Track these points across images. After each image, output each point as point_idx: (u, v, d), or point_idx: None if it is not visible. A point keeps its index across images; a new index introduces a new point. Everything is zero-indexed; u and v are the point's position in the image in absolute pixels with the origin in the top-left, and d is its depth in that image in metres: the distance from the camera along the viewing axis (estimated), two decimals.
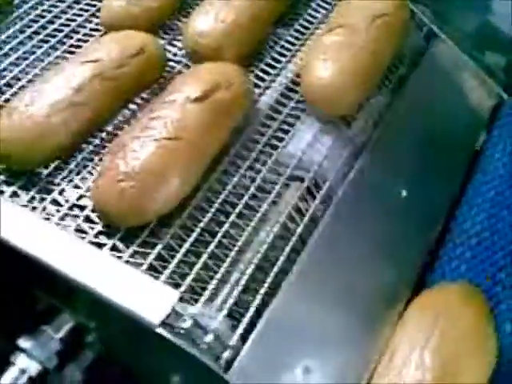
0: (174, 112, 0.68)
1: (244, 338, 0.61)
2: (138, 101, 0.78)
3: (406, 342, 0.66)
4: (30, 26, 0.86)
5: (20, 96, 0.72)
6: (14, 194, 0.69)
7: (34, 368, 0.63)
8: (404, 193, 0.77)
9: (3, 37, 0.85)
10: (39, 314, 0.67)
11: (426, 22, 0.91)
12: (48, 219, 0.66)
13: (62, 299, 0.66)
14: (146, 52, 0.76)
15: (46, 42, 0.84)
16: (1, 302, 0.69)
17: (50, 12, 0.89)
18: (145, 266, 0.63)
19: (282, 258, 0.66)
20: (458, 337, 0.66)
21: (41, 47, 0.84)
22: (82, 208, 0.68)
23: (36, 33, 0.85)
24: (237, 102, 0.73)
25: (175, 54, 0.84)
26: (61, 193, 0.70)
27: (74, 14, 0.89)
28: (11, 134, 0.69)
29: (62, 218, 0.67)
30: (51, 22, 0.88)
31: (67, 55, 0.83)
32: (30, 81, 0.79)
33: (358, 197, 0.74)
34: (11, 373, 0.63)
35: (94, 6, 0.90)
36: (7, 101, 0.76)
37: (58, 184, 0.70)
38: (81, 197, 0.69)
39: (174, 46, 0.85)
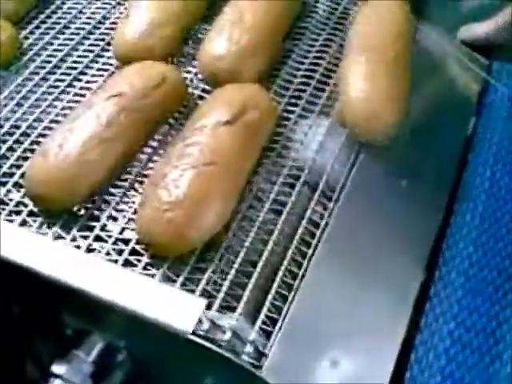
0: (207, 137, 0.69)
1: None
2: (165, 130, 0.79)
3: None
4: (37, 73, 0.86)
5: (51, 137, 0.73)
6: (57, 235, 0.70)
7: None
8: (404, 183, 0.77)
9: (12, 86, 0.85)
10: (68, 339, 0.68)
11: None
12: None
13: (92, 322, 0.67)
14: (167, 81, 0.77)
15: (57, 87, 0.84)
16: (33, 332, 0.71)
17: (60, 51, 0.89)
18: (198, 293, 0.64)
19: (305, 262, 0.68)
20: None
21: (52, 93, 0.84)
22: (126, 241, 0.69)
23: (45, 79, 0.86)
24: (265, 121, 0.74)
25: (192, 80, 0.85)
26: (103, 228, 0.70)
27: (85, 51, 0.89)
28: (48, 175, 0.70)
29: (107, 253, 0.68)
30: (63, 61, 0.88)
31: (84, 92, 0.83)
32: (46, 128, 0.79)
33: (364, 188, 0.75)
34: None
35: (103, 39, 0.91)
36: (25, 151, 0.77)
37: (99, 219, 0.71)
38: (123, 230, 0.70)
39: (189, 72, 0.86)
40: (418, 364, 0.65)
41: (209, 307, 0.62)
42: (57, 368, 0.64)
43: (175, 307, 0.61)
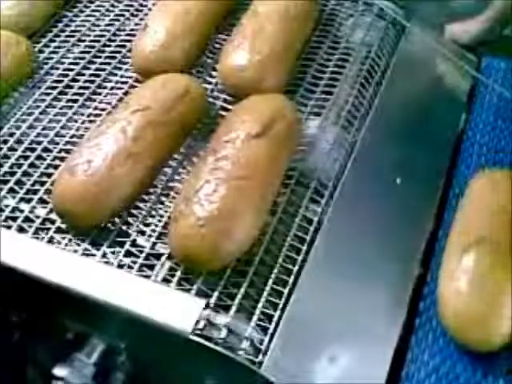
0: (238, 151, 0.68)
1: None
2: (188, 142, 0.78)
3: None
4: (55, 87, 0.85)
5: (78, 153, 0.72)
6: (86, 251, 0.69)
7: None
8: (398, 180, 0.77)
9: (30, 101, 0.84)
10: (69, 342, 0.68)
11: (398, 18, 0.94)
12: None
13: (92, 325, 0.67)
14: (190, 93, 0.77)
15: (75, 101, 0.84)
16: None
17: (76, 64, 0.89)
18: (234, 308, 0.63)
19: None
20: None
21: (71, 107, 0.83)
22: (158, 256, 0.68)
23: (63, 93, 0.85)
24: (292, 132, 0.73)
25: (212, 90, 0.84)
26: (133, 244, 0.69)
27: (102, 63, 0.89)
28: (78, 191, 0.69)
29: (140, 269, 0.67)
30: (81, 74, 0.87)
31: (103, 106, 0.83)
32: (68, 142, 0.79)
33: (357, 185, 0.76)
34: None
35: (119, 52, 0.90)
36: (48, 167, 0.76)
37: (129, 235, 0.70)
38: (154, 245, 0.69)
39: (209, 82, 0.85)
40: (413, 363, 0.65)
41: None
42: (59, 371, 0.65)
43: (175, 308, 0.62)
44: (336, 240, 0.72)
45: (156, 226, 0.71)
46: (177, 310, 0.62)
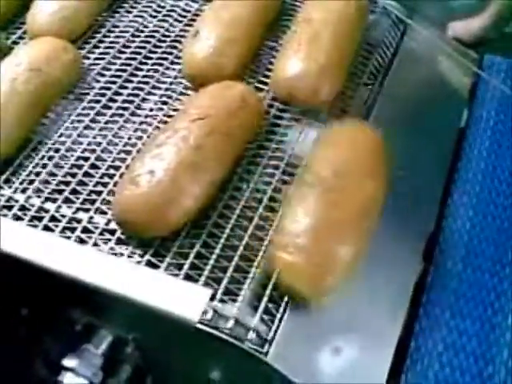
0: None
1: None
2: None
3: None
4: (103, 94, 0.84)
5: (139, 162, 0.71)
6: (150, 264, 0.68)
7: None
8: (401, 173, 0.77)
9: (79, 109, 0.83)
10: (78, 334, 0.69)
11: (400, 16, 0.95)
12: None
13: (99, 316, 0.67)
14: (249, 102, 0.76)
15: (126, 108, 0.82)
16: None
17: (123, 71, 0.87)
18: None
19: None
20: None
21: (122, 115, 0.82)
22: (224, 269, 0.67)
23: (112, 100, 0.84)
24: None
25: (264, 98, 0.83)
26: (197, 256, 0.68)
27: (149, 70, 0.87)
28: (142, 202, 0.68)
29: (206, 283, 0.66)
30: (129, 81, 0.86)
31: (155, 113, 0.82)
32: (122, 151, 0.78)
33: None
34: None
35: (166, 59, 0.89)
36: (103, 176, 0.75)
37: (192, 247, 0.69)
38: (219, 257, 0.68)
39: (261, 90, 0.84)
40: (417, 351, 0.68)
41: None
42: (68, 361, 0.65)
43: (181, 297, 0.62)
44: None
45: (220, 237, 0.69)
46: (183, 299, 0.61)
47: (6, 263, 0.65)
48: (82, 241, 0.69)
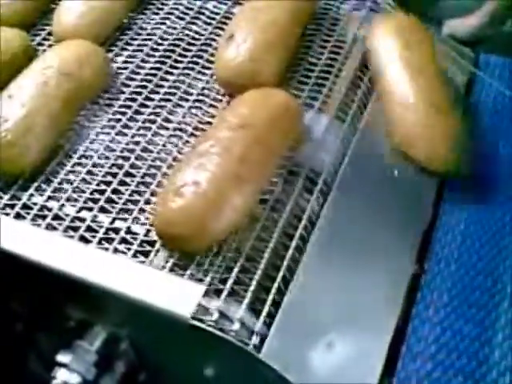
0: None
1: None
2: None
3: None
4: (134, 99, 0.82)
5: (181, 172, 0.68)
6: (192, 276, 0.66)
7: (74, 380, 0.64)
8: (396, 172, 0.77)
9: (110, 114, 0.81)
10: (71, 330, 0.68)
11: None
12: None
13: (93, 312, 0.67)
14: (290, 109, 0.74)
15: (158, 114, 0.80)
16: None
17: (154, 76, 0.85)
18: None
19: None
20: None
21: (154, 121, 0.80)
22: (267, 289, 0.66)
23: (144, 105, 0.82)
24: None
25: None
26: (241, 270, 0.66)
27: (180, 74, 0.85)
28: (188, 215, 0.66)
29: (252, 302, 0.64)
30: (159, 86, 0.84)
31: (188, 120, 0.80)
32: (156, 159, 0.76)
33: (355, 177, 0.76)
34: None
35: (197, 63, 0.87)
36: (139, 184, 0.74)
37: (236, 261, 0.67)
38: (265, 274, 0.67)
39: (298, 96, 0.82)
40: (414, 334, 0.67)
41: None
42: (62, 357, 0.65)
43: (174, 294, 0.61)
44: (334, 227, 0.71)
45: (263, 252, 0.67)
46: (177, 295, 0.61)
47: (6, 263, 0.65)
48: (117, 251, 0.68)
